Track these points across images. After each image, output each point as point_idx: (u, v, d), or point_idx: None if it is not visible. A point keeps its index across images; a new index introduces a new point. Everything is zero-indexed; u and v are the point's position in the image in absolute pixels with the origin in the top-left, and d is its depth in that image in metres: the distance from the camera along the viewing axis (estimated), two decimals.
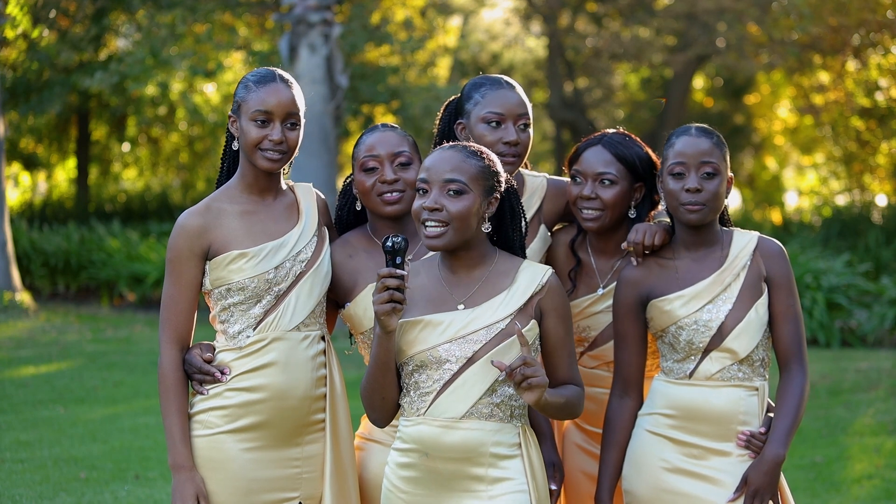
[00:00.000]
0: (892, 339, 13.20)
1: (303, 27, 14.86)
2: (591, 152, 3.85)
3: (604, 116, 23.79)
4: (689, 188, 3.56)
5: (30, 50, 19.25)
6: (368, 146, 3.77)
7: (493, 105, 3.82)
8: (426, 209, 3.31)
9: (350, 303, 3.76)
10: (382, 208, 3.75)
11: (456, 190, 3.30)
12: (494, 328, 3.33)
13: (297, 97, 3.67)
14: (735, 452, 3.60)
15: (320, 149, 14.72)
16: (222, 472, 3.58)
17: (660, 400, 3.66)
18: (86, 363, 12.10)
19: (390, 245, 3.20)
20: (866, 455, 8.26)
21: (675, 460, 3.62)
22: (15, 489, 7.29)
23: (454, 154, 3.35)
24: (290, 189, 3.79)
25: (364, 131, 3.86)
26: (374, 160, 3.75)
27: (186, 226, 3.62)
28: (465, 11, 24.50)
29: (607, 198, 3.80)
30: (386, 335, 3.28)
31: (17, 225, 19.12)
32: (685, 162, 3.58)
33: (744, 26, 18.32)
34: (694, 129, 3.65)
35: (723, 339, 3.59)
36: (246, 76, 3.71)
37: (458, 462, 3.33)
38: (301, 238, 3.68)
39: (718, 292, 3.61)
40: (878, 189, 19.85)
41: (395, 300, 3.20)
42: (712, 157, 3.58)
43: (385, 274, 3.20)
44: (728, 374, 3.60)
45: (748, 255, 3.63)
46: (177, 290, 3.62)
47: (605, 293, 3.87)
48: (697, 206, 3.57)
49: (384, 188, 3.74)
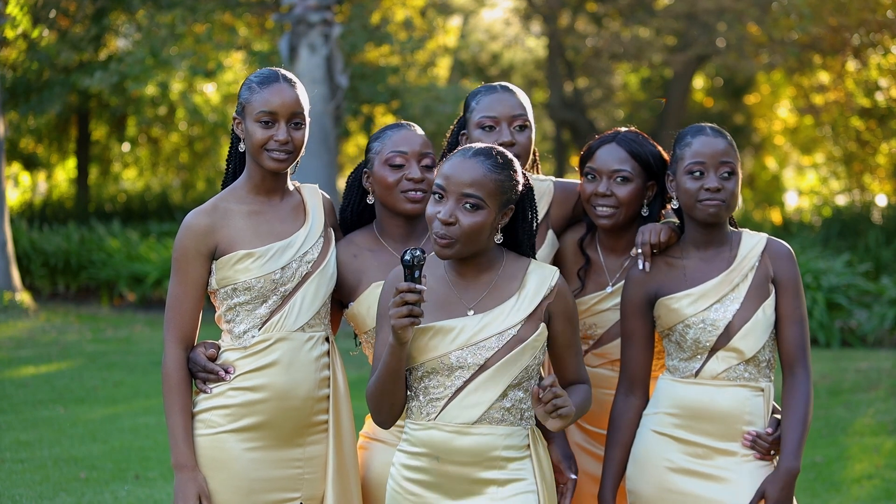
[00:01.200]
0: (892, 339, 13.20)
1: (303, 27, 14.86)
2: (605, 150, 3.86)
3: (604, 116, 23.79)
4: (709, 187, 3.58)
5: (30, 50, 19.24)
6: (396, 142, 3.76)
7: (486, 110, 3.86)
8: (440, 220, 3.28)
9: (353, 302, 3.76)
10: (404, 205, 3.74)
11: (472, 205, 3.27)
12: (506, 335, 3.32)
13: (301, 97, 3.68)
14: (740, 452, 3.60)
15: (320, 149, 14.72)
16: (224, 472, 3.58)
17: (665, 399, 3.66)
18: (86, 363, 12.10)
19: (409, 259, 3.17)
20: (866, 455, 8.26)
21: (679, 460, 3.62)
22: (15, 489, 7.29)
23: (477, 166, 3.29)
24: (296, 190, 3.79)
25: (385, 127, 3.84)
26: (402, 157, 3.73)
27: (193, 225, 3.62)
28: (465, 11, 24.51)
29: (622, 195, 3.81)
30: (399, 346, 3.25)
31: (17, 225, 19.12)
32: (704, 162, 3.59)
33: (744, 26, 18.32)
34: (709, 128, 3.66)
35: (729, 339, 3.59)
36: (249, 77, 3.71)
37: (469, 465, 3.33)
38: (308, 239, 3.68)
39: (726, 292, 3.61)
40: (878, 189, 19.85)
41: (413, 315, 3.18)
42: (730, 157, 3.61)
43: (404, 289, 3.17)
44: (734, 373, 3.61)
45: (757, 256, 3.64)
46: (182, 290, 3.62)
47: (613, 291, 3.87)
48: (716, 201, 3.58)
49: (409, 185, 3.72)
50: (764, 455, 3.60)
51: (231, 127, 3.78)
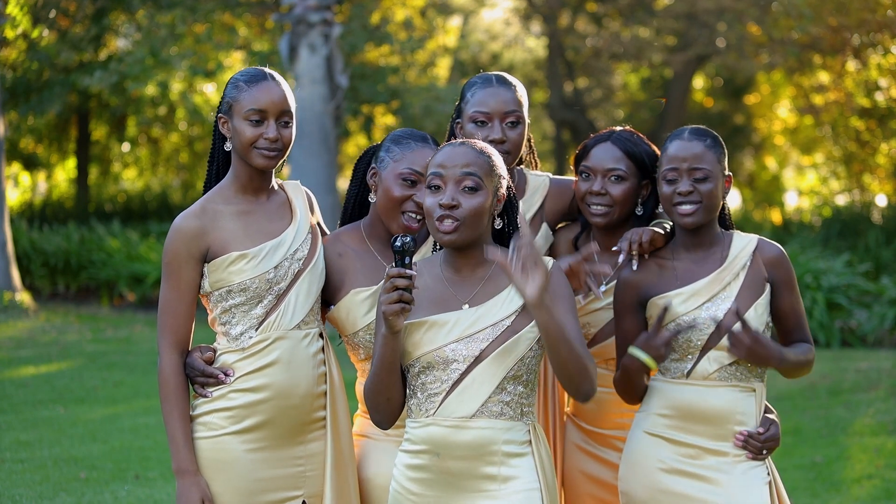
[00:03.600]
0: (892, 339, 13.20)
1: (303, 27, 14.86)
2: (600, 149, 3.88)
3: (604, 116, 23.79)
4: (681, 191, 3.59)
5: (30, 50, 19.24)
6: (413, 160, 3.67)
7: (479, 105, 3.88)
8: (442, 206, 3.29)
9: (334, 306, 3.75)
10: (402, 221, 3.69)
11: (472, 186, 3.30)
12: (500, 325, 3.33)
13: (288, 95, 3.68)
14: (731, 452, 3.61)
15: (320, 149, 14.71)
16: (227, 474, 3.58)
17: (657, 400, 3.67)
18: (86, 363, 12.10)
19: (399, 245, 3.18)
20: (866, 455, 8.26)
21: (671, 461, 3.63)
22: (15, 489, 7.29)
23: (466, 150, 3.35)
24: (280, 188, 3.79)
25: (406, 135, 3.73)
26: (415, 175, 3.65)
27: (183, 228, 3.60)
28: (465, 11, 24.51)
29: (616, 194, 3.83)
30: (392, 335, 3.26)
31: (17, 225, 19.12)
32: (676, 167, 3.61)
33: (744, 26, 18.31)
34: (687, 132, 3.66)
35: (721, 338, 3.60)
36: (234, 76, 3.70)
37: (470, 461, 3.33)
38: (297, 236, 3.68)
39: (717, 291, 3.62)
40: (878, 189, 19.85)
41: (403, 300, 3.18)
42: (703, 162, 3.60)
43: (394, 273, 3.18)
44: (725, 373, 3.62)
45: (748, 256, 3.65)
46: (175, 294, 3.61)
47: (606, 290, 3.88)
48: (690, 207, 3.59)
49: (413, 207, 3.66)
50: (756, 455, 3.61)
51: (214, 126, 3.75)
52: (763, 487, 3.60)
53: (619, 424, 3.91)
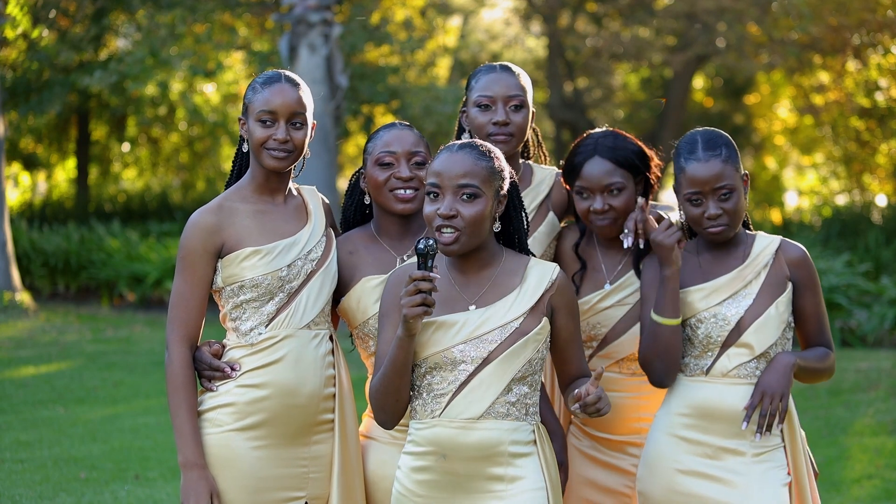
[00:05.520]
0: (892, 339, 13.20)
1: (303, 27, 14.86)
2: (591, 165, 3.82)
3: (604, 116, 23.78)
4: (710, 216, 3.60)
5: (30, 50, 19.23)
6: (386, 142, 3.79)
7: (483, 89, 3.94)
8: (441, 216, 3.30)
9: (344, 296, 3.77)
10: (394, 205, 3.76)
11: (470, 194, 3.30)
12: (509, 328, 3.34)
13: (303, 97, 3.70)
14: (749, 452, 3.61)
15: (320, 149, 14.72)
16: (231, 471, 3.59)
17: (676, 400, 3.68)
18: (86, 363, 12.10)
19: (422, 247, 3.18)
20: (866, 455, 8.26)
21: (689, 462, 3.64)
22: (15, 489, 7.29)
23: (465, 156, 3.33)
24: (297, 192, 3.83)
25: (380, 128, 3.88)
26: (391, 156, 3.76)
27: (200, 223, 3.64)
28: (465, 11, 24.51)
29: (619, 204, 3.82)
30: (408, 338, 3.26)
31: (17, 225, 19.12)
32: (700, 191, 3.60)
33: (744, 26, 18.31)
34: (701, 150, 3.62)
35: (740, 335, 3.62)
36: (255, 79, 3.76)
37: (477, 462, 3.33)
38: (311, 237, 3.71)
39: (739, 288, 3.64)
40: (878, 189, 19.86)
41: (426, 304, 3.19)
42: (724, 179, 3.59)
43: (418, 277, 3.18)
44: (745, 370, 3.63)
45: (770, 255, 3.67)
46: (188, 288, 3.63)
47: (613, 289, 3.88)
48: (720, 228, 3.62)
49: (398, 184, 3.75)
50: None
51: (239, 128, 3.82)
52: (781, 489, 3.60)
53: (636, 429, 3.88)
